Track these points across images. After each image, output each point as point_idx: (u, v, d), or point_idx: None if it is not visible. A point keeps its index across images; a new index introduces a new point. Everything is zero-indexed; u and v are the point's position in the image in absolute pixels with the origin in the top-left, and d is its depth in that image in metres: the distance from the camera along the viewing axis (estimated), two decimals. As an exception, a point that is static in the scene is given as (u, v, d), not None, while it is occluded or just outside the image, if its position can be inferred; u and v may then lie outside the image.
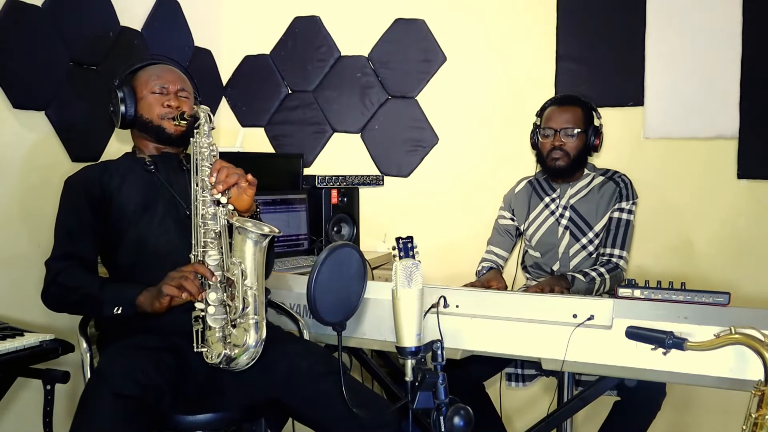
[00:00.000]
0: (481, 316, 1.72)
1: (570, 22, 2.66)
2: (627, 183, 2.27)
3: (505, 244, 2.47)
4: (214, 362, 1.55)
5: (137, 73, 1.86)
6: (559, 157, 2.24)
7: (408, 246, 1.68)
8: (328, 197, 2.67)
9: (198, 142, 1.69)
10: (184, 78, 1.90)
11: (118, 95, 1.80)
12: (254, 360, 1.57)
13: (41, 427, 1.62)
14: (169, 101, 1.80)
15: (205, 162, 1.67)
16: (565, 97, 2.34)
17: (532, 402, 2.69)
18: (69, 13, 2.16)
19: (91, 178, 1.77)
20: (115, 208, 1.74)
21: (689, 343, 1.36)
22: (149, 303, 1.56)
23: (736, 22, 2.41)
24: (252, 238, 1.57)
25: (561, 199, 2.32)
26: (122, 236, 1.73)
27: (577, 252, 2.27)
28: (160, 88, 1.81)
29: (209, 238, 1.61)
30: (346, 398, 1.45)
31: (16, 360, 1.53)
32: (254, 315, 1.56)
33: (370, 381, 2.25)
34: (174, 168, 1.84)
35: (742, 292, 2.40)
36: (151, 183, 1.79)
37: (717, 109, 2.45)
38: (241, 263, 1.56)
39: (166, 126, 1.79)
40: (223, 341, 1.56)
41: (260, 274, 1.59)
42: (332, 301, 1.47)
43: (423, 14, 2.87)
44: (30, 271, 2.03)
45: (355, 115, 3.00)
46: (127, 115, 1.80)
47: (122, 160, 1.85)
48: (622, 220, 2.24)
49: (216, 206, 1.63)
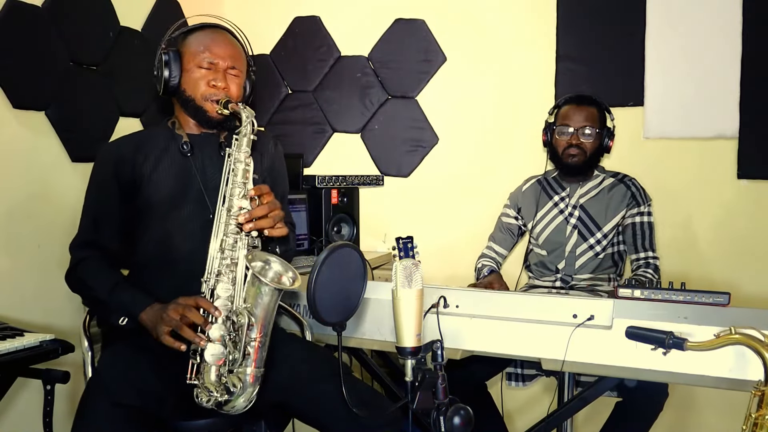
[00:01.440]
0: (481, 316, 1.72)
1: (570, 22, 2.66)
2: (639, 187, 2.29)
3: (505, 242, 2.48)
4: (203, 404, 1.45)
5: (188, 38, 1.71)
6: (576, 153, 2.25)
7: (408, 246, 1.68)
8: (328, 197, 2.67)
9: (234, 155, 1.56)
10: (239, 53, 1.72)
11: (162, 58, 1.65)
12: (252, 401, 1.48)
13: (41, 427, 1.62)
14: (216, 81, 1.65)
15: (238, 177, 1.55)
16: (581, 96, 2.33)
17: (532, 402, 2.69)
18: (69, 13, 2.16)
19: (125, 156, 1.67)
20: (144, 195, 1.66)
21: (689, 343, 1.35)
22: (151, 325, 1.51)
23: (736, 22, 2.41)
24: (266, 292, 1.46)
25: (571, 198, 2.32)
26: (147, 227, 1.66)
27: (584, 252, 2.27)
28: (208, 63, 1.66)
29: (224, 267, 1.52)
30: (346, 399, 1.45)
31: (16, 360, 1.53)
32: (255, 367, 1.46)
33: (370, 381, 2.25)
34: (211, 153, 1.72)
35: (742, 292, 2.40)
36: (184, 170, 1.68)
37: (717, 109, 2.45)
38: (251, 313, 1.46)
39: (207, 108, 1.66)
40: (218, 384, 1.45)
41: (269, 323, 1.49)
42: (332, 301, 1.47)
43: (423, 14, 2.87)
44: (30, 271, 2.04)
45: (355, 115, 3.00)
46: (170, 83, 1.66)
47: (160, 135, 1.72)
48: (644, 223, 2.26)
49: (237, 233, 1.53)
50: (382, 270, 2.71)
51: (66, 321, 2.07)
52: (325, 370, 1.60)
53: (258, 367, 1.48)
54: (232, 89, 1.68)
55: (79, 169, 2.20)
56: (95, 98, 2.29)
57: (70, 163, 2.19)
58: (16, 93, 1.98)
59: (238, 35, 1.77)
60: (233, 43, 1.73)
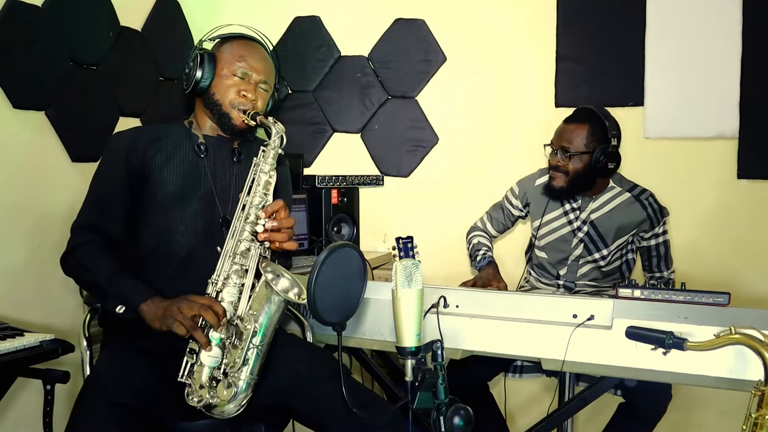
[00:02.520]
0: (481, 316, 1.72)
1: (570, 22, 2.66)
2: (656, 206, 2.19)
3: (501, 226, 2.47)
4: (193, 404, 1.45)
5: (225, 44, 1.74)
6: (555, 177, 2.19)
7: (408, 246, 1.68)
8: (328, 197, 2.67)
9: (260, 165, 1.59)
10: (271, 69, 1.76)
11: (197, 59, 1.67)
12: (243, 406, 1.48)
13: (41, 427, 1.62)
14: (247, 91, 1.68)
15: (260, 188, 1.57)
16: (577, 111, 2.23)
17: (533, 401, 2.69)
18: (69, 13, 2.16)
19: (138, 146, 1.67)
20: (151, 187, 1.66)
21: (689, 343, 1.36)
22: (151, 316, 1.51)
23: (736, 22, 2.41)
24: (275, 301, 1.49)
25: (582, 212, 2.23)
26: (149, 222, 1.66)
27: (587, 263, 2.25)
28: (242, 73, 1.69)
29: (233, 272, 1.53)
30: (346, 399, 1.45)
31: (16, 360, 1.53)
32: (250, 374, 1.47)
33: (370, 381, 2.25)
34: (224, 157, 1.74)
35: (742, 292, 2.40)
36: (195, 169, 1.70)
37: (717, 109, 2.45)
38: (256, 321, 1.47)
39: (233, 116, 1.68)
40: (210, 386, 1.46)
41: (271, 332, 1.51)
42: (332, 301, 1.47)
43: (423, 14, 2.87)
44: (30, 271, 2.04)
45: (355, 115, 2.99)
46: (201, 84, 1.67)
47: (175, 131, 1.74)
48: (660, 245, 2.23)
49: (252, 241, 1.55)
50: (382, 270, 2.71)
51: (66, 321, 2.07)
52: (324, 371, 1.60)
53: (252, 374, 1.48)
54: (259, 103, 1.71)
55: (79, 169, 2.20)
56: (95, 98, 2.29)
57: (70, 163, 2.19)
58: (16, 93, 1.98)
59: (273, 54, 1.80)
60: (269, 59, 1.77)
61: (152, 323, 1.50)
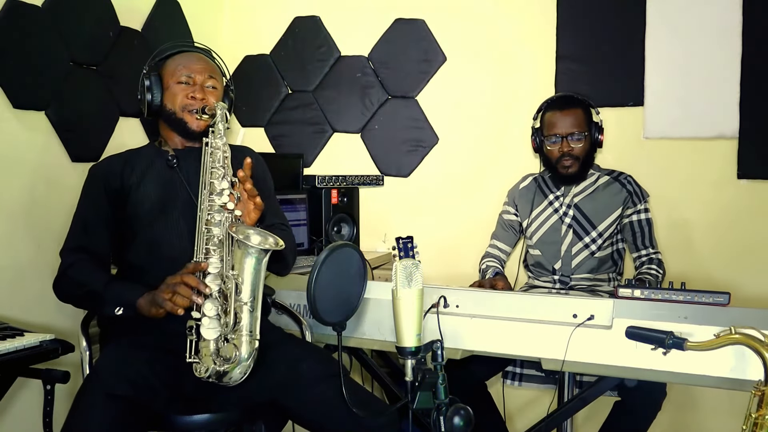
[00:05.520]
0: (481, 316, 1.72)
1: (570, 22, 2.66)
2: (634, 184, 2.28)
3: (508, 239, 2.48)
4: (203, 376, 1.50)
5: (166, 62, 1.82)
6: (569, 164, 2.25)
7: (408, 246, 1.68)
8: (328, 197, 2.67)
9: (211, 143, 1.65)
10: (215, 68, 1.83)
11: (144, 83, 1.76)
12: (247, 373, 1.53)
13: (41, 427, 1.62)
14: (194, 92, 1.75)
15: (217, 164, 1.63)
16: (563, 98, 2.32)
17: (532, 402, 2.69)
18: (69, 13, 2.16)
19: (113, 170, 1.75)
20: (132, 204, 1.72)
21: (689, 343, 1.36)
22: (147, 307, 1.56)
23: (736, 22, 2.41)
24: (251, 253, 1.52)
25: (565, 197, 2.32)
26: (136, 235, 1.72)
27: (580, 251, 2.27)
28: (186, 77, 1.76)
29: (212, 245, 1.58)
30: (346, 399, 1.45)
31: (16, 360, 1.53)
32: (247, 331, 1.51)
33: (370, 381, 2.25)
34: (196, 165, 1.76)
35: (742, 292, 2.40)
36: (170, 180, 1.76)
37: (717, 109, 2.45)
38: (238, 276, 1.52)
39: (188, 120, 1.75)
40: (216, 355, 1.51)
41: (258, 288, 1.54)
42: (332, 301, 1.47)
43: (423, 14, 2.87)
44: (30, 271, 2.04)
45: (355, 115, 2.99)
46: (153, 104, 1.76)
47: (146, 151, 1.82)
48: (642, 221, 2.27)
49: (222, 213, 1.60)
50: (382, 270, 2.71)
51: (66, 321, 2.07)
52: (322, 369, 1.61)
53: (251, 335, 1.51)
54: (210, 101, 1.75)
55: (79, 169, 2.20)
56: (95, 98, 2.29)
57: (70, 163, 2.19)
58: (16, 93, 1.98)
59: (215, 56, 1.88)
60: (209, 60, 1.85)
61: (149, 313, 1.55)
